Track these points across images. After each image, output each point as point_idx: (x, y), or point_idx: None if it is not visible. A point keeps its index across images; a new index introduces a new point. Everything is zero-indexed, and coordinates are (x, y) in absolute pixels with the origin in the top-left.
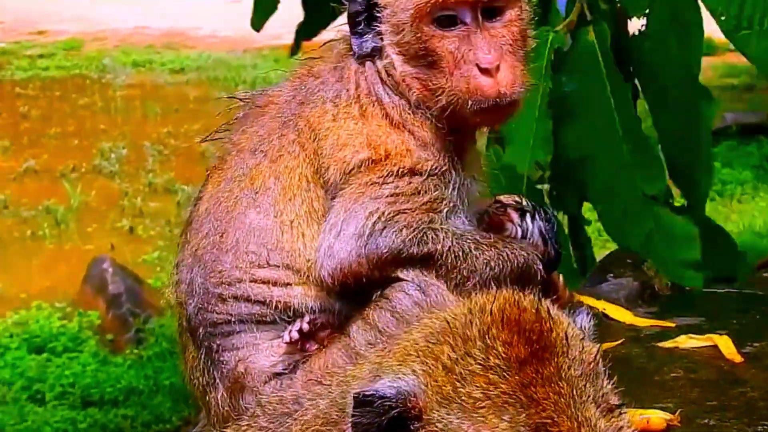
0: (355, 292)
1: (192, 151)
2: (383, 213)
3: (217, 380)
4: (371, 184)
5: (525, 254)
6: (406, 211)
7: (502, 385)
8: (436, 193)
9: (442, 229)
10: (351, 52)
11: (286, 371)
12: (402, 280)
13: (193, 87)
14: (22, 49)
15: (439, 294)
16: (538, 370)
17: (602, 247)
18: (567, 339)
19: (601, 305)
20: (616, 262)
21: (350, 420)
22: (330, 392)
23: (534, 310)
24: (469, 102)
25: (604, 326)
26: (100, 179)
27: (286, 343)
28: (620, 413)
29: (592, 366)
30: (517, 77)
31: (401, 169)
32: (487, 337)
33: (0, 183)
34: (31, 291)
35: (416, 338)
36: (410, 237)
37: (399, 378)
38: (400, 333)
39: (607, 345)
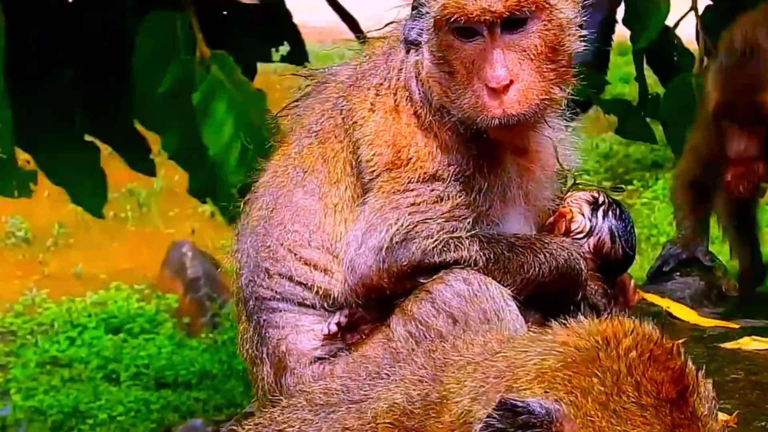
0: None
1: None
2: (402, 225)
3: (264, 355)
4: (393, 192)
5: (565, 254)
6: (427, 221)
7: (657, 426)
8: (460, 198)
9: (467, 236)
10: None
11: (327, 357)
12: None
13: (281, 77)
14: None
15: (482, 283)
16: (683, 411)
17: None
18: (697, 377)
19: (665, 303)
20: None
21: (485, 419)
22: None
23: (669, 346)
24: (478, 119)
25: (667, 325)
26: None
27: (324, 335)
28: None
29: (713, 403)
30: (529, 93)
31: (422, 175)
32: (635, 373)
33: None
34: (112, 272)
35: (551, 365)
36: (431, 247)
37: (550, 400)
38: (457, 331)
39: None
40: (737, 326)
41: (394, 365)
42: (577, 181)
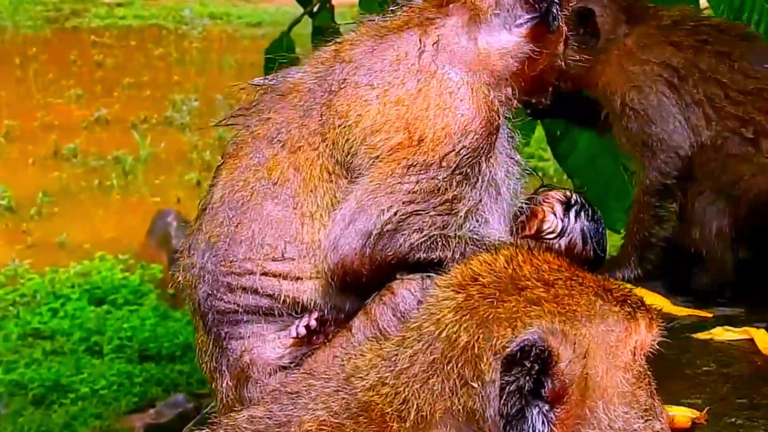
0: (359, 289)
1: None
2: (396, 212)
3: (224, 368)
4: (392, 174)
5: None
6: (420, 212)
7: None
8: (457, 191)
9: (455, 235)
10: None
11: (292, 364)
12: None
13: (268, 41)
14: None
15: None
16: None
17: None
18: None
19: (639, 293)
20: None
21: (501, 384)
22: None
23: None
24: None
25: None
26: (171, 131)
27: (293, 337)
28: None
29: None
30: None
31: (428, 160)
32: (536, 260)
33: (70, 132)
34: (96, 242)
35: (486, 311)
36: (419, 242)
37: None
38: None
39: None
40: (710, 315)
41: (308, 380)
42: (545, 183)
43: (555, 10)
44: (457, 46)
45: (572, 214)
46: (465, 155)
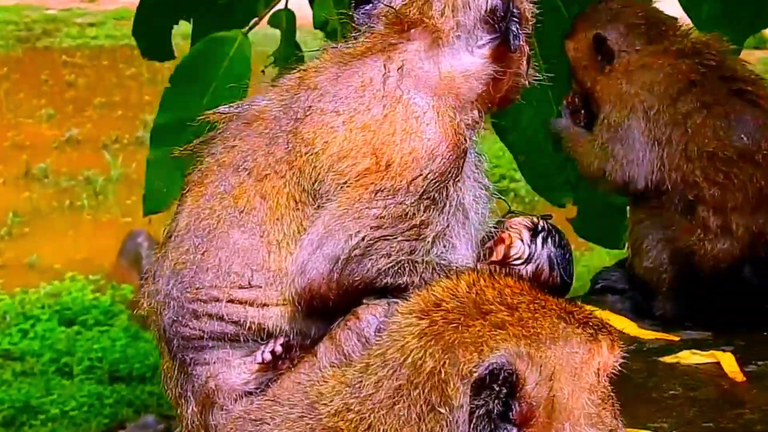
0: (325, 314)
1: None
2: (363, 237)
3: (189, 394)
4: (360, 200)
5: None
6: (388, 237)
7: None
8: (424, 216)
9: (423, 260)
10: (357, 55)
11: (258, 390)
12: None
13: None
14: (72, 16)
15: None
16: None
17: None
18: None
19: (605, 316)
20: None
21: (471, 408)
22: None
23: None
24: None
25: None
26: (142, 151)
27: (258, 363)
28: None
29: None
30: None
31: (396, 185)
32: (497, 284)
33: (42, 151)
34: (67, 262)
35: (450, 336)
36: (386, 267)
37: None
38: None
39: None
40: (677, 338)
41: (273, 406)
42: (512, 209)
43: (515, 29)
44: (421, 71)
45: (539, 240)
46: (432, 180)
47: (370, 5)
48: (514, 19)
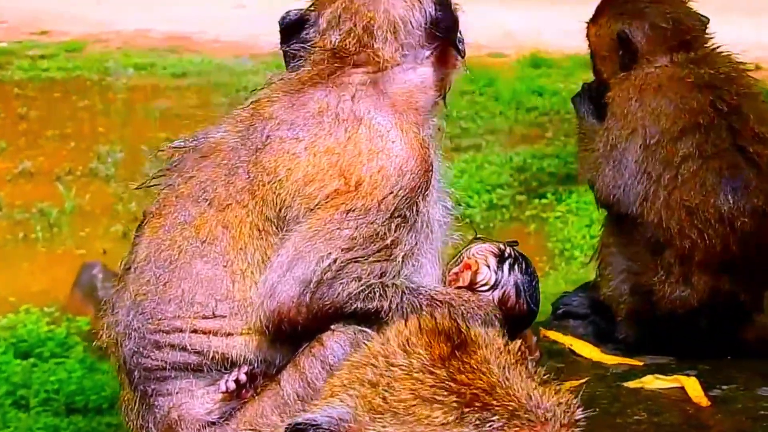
0: (291, 339)
1: None
2: (335, 260)
3: (151, 425)
4: (331, 221)
5: (482, 313)
6: (359, 259)
7: (429, 380)
8: (395, 234)
9: (392, 284)
10: (308, 81)
11: (221, 419)
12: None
13: (194, 92)
14: (24, 49)
15: None
16: (464, 361)
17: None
18: (488, 334)
19: (568, 341)
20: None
21: None
22: None
23: (449, 318)
24: None
25: (570, 363)
26: (96, 182)
27: (222, 392)
28: (558, 385)
29: (520, 354)
30: None
31: (367, 204)
32: (407, 346)
33: None
34: (21, 294)
35: (340, 373)
36: (357, 291)
37: (329, 406)
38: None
39: (570, 384)
40: (641, 363)
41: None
42: (478, 234)
43: (460, 35)
44: (378, 92)
45: (506, 266)
46: (403, 196)
47: (302, 38)
48: (457, 26)
